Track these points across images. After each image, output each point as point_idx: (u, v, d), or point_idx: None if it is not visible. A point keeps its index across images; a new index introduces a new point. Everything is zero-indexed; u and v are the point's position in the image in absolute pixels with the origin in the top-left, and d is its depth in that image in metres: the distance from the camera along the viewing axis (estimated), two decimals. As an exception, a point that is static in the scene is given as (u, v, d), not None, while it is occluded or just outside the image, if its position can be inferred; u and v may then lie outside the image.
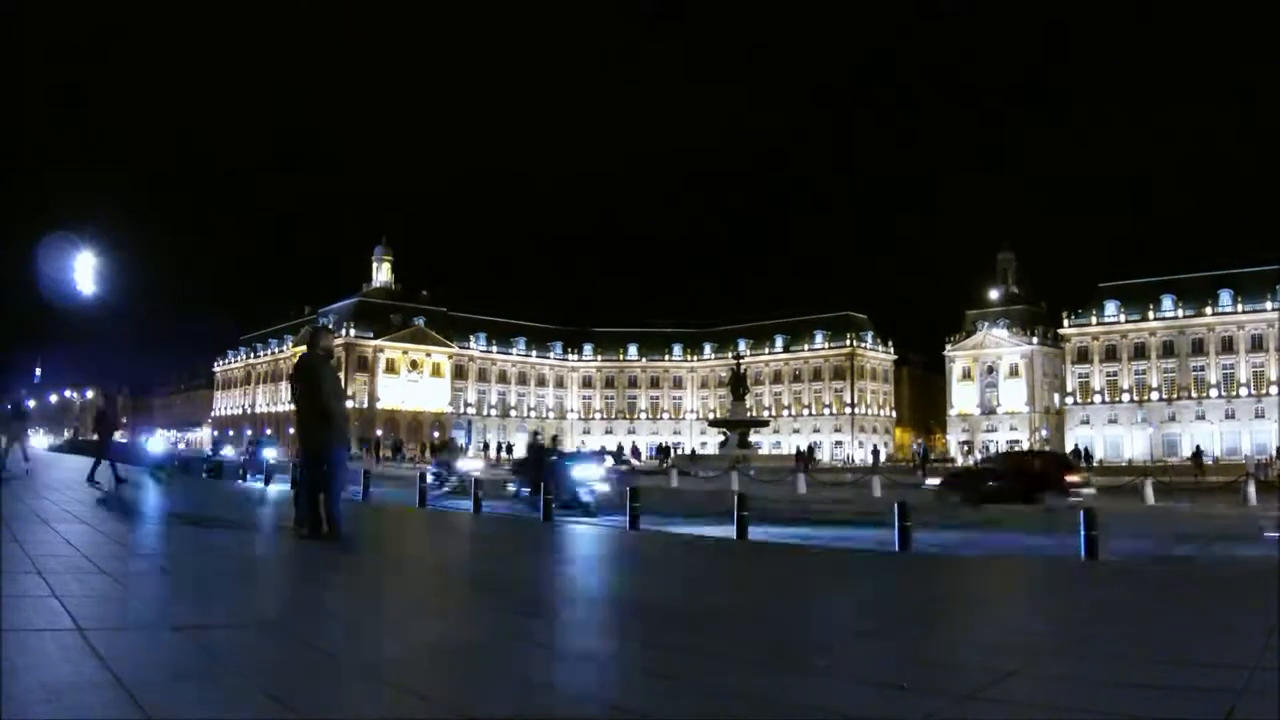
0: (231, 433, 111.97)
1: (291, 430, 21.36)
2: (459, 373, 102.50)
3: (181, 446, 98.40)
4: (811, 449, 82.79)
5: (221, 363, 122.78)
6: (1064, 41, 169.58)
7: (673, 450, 67.07)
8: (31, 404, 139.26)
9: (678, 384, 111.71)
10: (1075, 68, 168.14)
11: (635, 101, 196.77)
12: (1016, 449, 77.62)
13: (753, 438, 54.97)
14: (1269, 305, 79.82)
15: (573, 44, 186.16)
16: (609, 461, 33.79)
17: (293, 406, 9.08)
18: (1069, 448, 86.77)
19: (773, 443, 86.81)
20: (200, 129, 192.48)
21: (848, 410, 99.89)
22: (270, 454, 29.84)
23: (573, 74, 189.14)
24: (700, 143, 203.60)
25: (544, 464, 18.20)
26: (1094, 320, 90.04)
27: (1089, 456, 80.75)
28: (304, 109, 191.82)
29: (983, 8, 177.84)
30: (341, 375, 77.13)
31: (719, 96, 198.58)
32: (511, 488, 20.05)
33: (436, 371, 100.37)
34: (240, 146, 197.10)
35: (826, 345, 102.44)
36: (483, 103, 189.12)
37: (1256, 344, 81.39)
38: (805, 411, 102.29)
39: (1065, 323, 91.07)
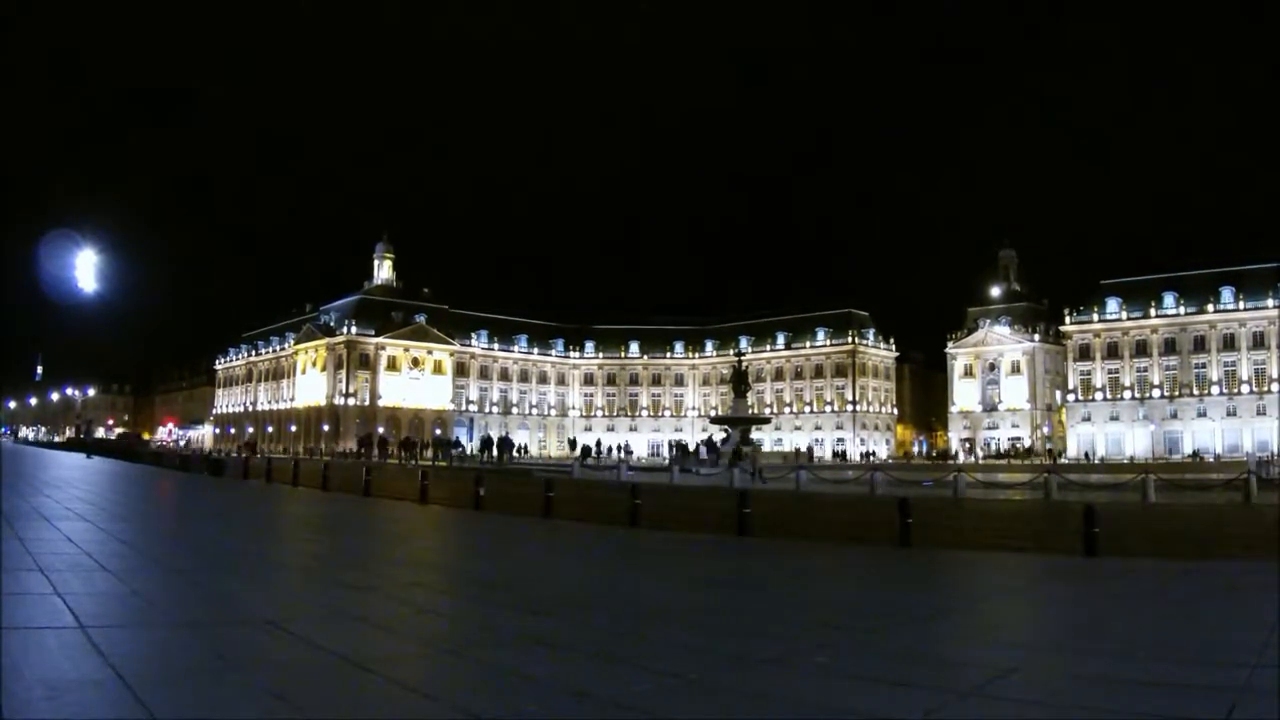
0: (233, 430, 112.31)
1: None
2: (460, 370, 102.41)
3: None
4: (811, 448, 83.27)
5: (223, 360, 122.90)
6: (1064, 37, 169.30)
7: (682, 447, 66.72)
8: (34, 401, 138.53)
9: (679, 381, 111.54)
10: (1074, 65, 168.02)
11: (634, 100, 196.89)
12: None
13: (755, 434, 54.88)
14: (1270, 302, 79.52)
15: (571, 37, 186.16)
16: None
17: None
18: (1070, 445, 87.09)
19: (774, 440, 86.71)
20: (201, 129, 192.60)
21: (849, 407, 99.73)
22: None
23: (571, 68, 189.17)
24: (700, 141, 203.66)
25: None
26: (1095, 317, 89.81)
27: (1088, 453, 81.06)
28: (304, 109, 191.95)
29: (974, 7, 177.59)
30: (344, 372, 78.49)
31: (717, 88, 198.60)
32: None
33: (438, 369, 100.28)
34: (241, 146, 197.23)
35: (828, 342, 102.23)
36: (482, 102, 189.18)
37: (1258, 341, 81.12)
38: (807, 409, 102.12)
39: (1067, 320, 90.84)
